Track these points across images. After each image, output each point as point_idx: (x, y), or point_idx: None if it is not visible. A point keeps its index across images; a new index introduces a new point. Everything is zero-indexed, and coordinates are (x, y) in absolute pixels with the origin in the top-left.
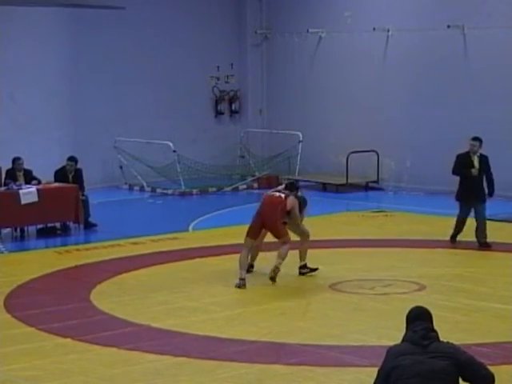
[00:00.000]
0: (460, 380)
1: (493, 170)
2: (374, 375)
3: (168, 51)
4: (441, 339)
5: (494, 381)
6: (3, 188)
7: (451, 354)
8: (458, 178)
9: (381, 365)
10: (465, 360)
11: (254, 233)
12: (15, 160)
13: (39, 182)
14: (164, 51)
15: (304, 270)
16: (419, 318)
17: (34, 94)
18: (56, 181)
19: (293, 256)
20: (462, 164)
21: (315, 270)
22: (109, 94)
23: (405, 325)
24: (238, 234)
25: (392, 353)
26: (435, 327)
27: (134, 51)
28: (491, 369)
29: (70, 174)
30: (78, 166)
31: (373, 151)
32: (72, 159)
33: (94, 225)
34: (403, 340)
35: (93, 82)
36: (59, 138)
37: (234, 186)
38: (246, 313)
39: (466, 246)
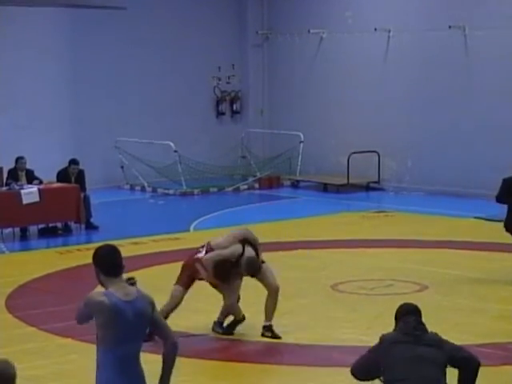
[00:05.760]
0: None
1: (494, 171)
2: None
3: (169, 52)
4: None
5: (479, 365)
6: (5, 188)
7: (438, 343)
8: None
9: (373, 347)
10: (450, 347)
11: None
12: (18, 159)
13: (41, 182)
14: (165, 52)
15: (267, 332)
16: (410, 313)
17: (35, 95)
18: (58, 181)
19: (293, 257)
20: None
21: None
22: (110, 94)
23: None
24: None
25: (386, 340)
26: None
27: (134, 51)
28: (492, 369)
29: (72, 176)
30: (80, 166)
31: (374, 151)
32: (75, 162)
33: (96, 227)
34: (395, 330)
35: (94, 82)
36: (60, 138)
37: (235, 187)
38: (246, 313)
39: (467, 246)
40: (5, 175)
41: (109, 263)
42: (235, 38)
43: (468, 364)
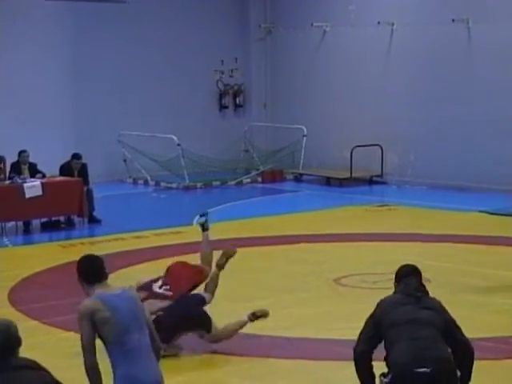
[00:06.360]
0: None
1: (497, 165)
2: (376, 369)
3: (172, 45)
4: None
5: (474, 354)
6: (7, 181)
7: (439, 309)
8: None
9: (371, 314)
10: (450, 318)
11: None
12: (21, 153)
13: (44, 176)
14: (168, 45)
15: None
16: (411, 274)
17: (37, 89)
18: (61, 175)
19: (295, 251)
20: None
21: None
22: (112, 87)
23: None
24: (241, 227)
25: (385, 303)
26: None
27: (136, 45)
28: (495, 363)
29: (75, 170)
30: (83, 160)
31: (377, 145)
32: (78, 157)
33: (99, 220)
34: (394, 292)
35: (96, 75)
36: (63, 132)
37: (238, 180)
38: (249, 307)
39: (470, 240)
40: (8, 169)
41: (90, 271)
42: (238, 32)
43: (467, 350)
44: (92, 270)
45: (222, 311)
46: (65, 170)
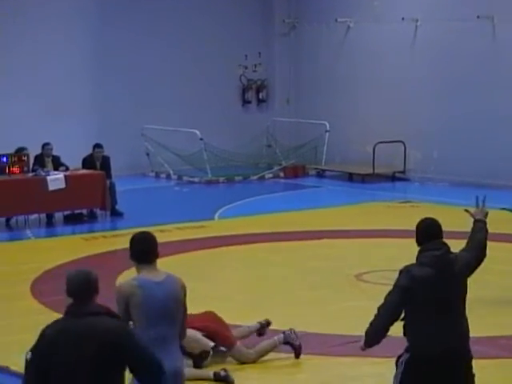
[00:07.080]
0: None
1: None
2: (394, 366)
3: (195, 39)
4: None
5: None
6: (31, 174)
7: (463, 276)
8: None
9: (401, 283)
10: (470, 270)
11: None
12: (44, 145)
13: (67, 169)
14: (192, 39)
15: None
16: (433, 236)
17: (60, 82)
18: (84, 168)
19: (317, 247)
20: None
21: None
22: (135, 81)
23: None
24: (263, 222)
25: (416, 278)
26: None
27: (161, 39)
28: (510, 362)
29: (97, 161)
30: (105, 153)
31: (400, 141)
32: (99, 146)
33: (121, 214)
34: (421, 263)
35: (120, 69)
36: (86, 125)
37: (260, 175)
38: (270, 302)
39: (492, 237)
40: (31, 161)
41: (140, 250)
42: (262, 27)
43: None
44: (142, 251)
45: (241, 305)
46: (87, 162)
